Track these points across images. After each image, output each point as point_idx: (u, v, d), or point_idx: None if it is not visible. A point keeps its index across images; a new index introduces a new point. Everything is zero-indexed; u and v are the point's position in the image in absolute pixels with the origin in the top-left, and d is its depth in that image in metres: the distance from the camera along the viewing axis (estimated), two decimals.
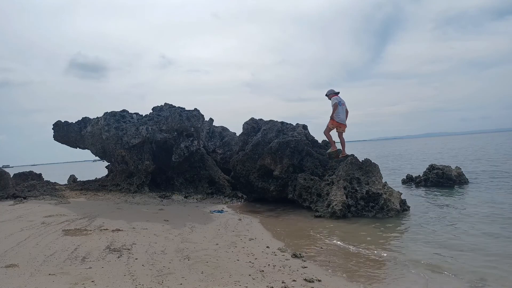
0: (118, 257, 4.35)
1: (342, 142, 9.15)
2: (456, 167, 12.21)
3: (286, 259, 4.54)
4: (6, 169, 11.12)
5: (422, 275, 4.08)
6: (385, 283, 3.87)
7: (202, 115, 11.54)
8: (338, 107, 8.64)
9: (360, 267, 4.37)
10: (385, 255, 4.86)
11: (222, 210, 8.63)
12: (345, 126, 8.94)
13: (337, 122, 8.74)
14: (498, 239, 5.38)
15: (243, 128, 11.09)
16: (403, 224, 6.78)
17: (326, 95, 9.05)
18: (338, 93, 8.96)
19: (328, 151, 9.33)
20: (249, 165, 9.92)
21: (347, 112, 9.00)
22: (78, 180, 13.43)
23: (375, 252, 5.00)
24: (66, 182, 13.41)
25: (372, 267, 4.39)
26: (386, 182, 8.19)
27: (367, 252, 5.02)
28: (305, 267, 4.24)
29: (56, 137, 12.74)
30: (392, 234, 6.06)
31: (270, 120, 10.89)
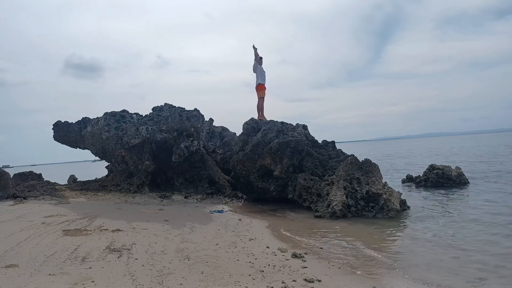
0: (118, 257, 4.35)
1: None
2: (456, 167, 12.20)
3: (286, 259, 4.54)
4: (6, 169, 11.11)
5: (422, 275, 4.08)
6: (385, 283, 3.87)
7: (202, 115, 11.53)
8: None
9: (360, 267, 4.37)
10: (385, 255, 4.86)
11: (222, 210, 8.63)
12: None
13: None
14: (498, 239, 5.38)
15: (243, 128, 11.09)
16: (403, 224, 6.79)
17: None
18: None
19: None
20: (249, 165, 9.92)
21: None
22: (78, 180, 13.42)
23: (375, 252, 5.00)
24: (66, 182, 13.40)
25: (372, 267, 4.40)
26: (386, 182, 8.18)
27: (367, 252, 5.02)
28: (305, 267, 4.24)
29: (56, 137, 12.74)
30: (392, 234, 6.06)
31: (270, 120, 10.89)
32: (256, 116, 11.58)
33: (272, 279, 3.77)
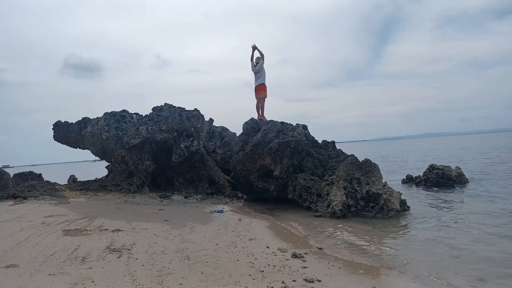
0: (118, 257, 4.35)
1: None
2: (456, 167, 12.21)
3: (286, 259, 4.54)
4: (6, 169, 11.10)
5: (422, 275, 4.08)
6: (385, 283, 3.87)
7: (202, 115, 11.53)
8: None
9: (360, 267, 4.37)
10: (385, 255, 4.87)
11: (222, 210, 8.63)
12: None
13: None
14: (498, 239, 5.39)
15: (243, 128, 11.09)
16: (403, 224, 6.79)
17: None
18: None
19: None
20: (249, 165, 9.92)
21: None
22: (78, 180, 13.42)
23: (375, 252, 5.00)
24: (66, 182, 13.39)
25: (372, 267, 4.40)
26: (386, 182, 8.18)
27: (367, 252, 5.03)
28: (305, 267, 4.24)
29: (56, 137, 12.73)
30: (392, 234, 6.06)
31: (270, 120, 10.89)
32: (256, 116, 11.58)
33: (272, 279, 3.77)
